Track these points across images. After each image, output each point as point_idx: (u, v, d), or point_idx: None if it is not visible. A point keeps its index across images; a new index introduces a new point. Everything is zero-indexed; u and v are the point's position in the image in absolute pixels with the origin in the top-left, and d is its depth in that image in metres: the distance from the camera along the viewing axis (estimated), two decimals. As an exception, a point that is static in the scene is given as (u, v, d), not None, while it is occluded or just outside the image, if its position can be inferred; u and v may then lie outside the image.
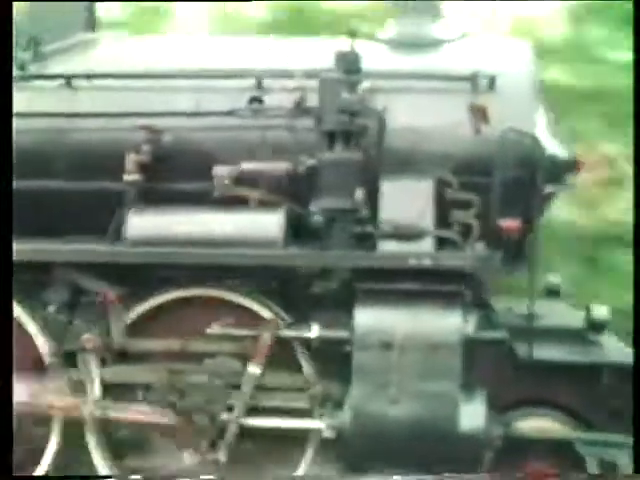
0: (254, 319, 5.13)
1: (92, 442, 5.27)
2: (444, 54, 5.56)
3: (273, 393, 5.11)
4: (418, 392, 4.81)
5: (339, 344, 4.96)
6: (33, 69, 5.60)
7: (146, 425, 5.20)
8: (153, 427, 5.20)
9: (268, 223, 5.04)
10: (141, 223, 5.11)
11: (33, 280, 5.23)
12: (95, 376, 5.23)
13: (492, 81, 5.22)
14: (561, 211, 6.87)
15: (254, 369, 5.07)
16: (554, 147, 5.29)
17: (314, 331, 5.01)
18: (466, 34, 5.77)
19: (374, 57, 5.35)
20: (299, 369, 5.13)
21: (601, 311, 5.14)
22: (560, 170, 5.29)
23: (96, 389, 5.23)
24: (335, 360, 5.01)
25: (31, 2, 5.79)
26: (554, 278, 5.95)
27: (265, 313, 5.13)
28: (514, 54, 5.51)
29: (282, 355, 5.11)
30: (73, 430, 5.30)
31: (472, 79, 5.23)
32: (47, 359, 5.24)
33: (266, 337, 5.03)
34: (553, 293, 5.93)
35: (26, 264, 5.00)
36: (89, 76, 5.44)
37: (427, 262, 4.87)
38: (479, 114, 5.19)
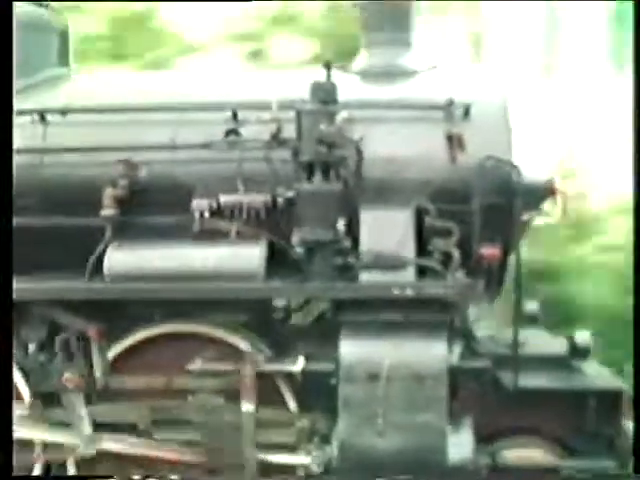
0: (237, 354, 5.06)
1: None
2: (417, 84, 5.58)
3: (259, 428, 5.03)
4: (405, 424, 4.77)
5: (324, 377, 4.91)
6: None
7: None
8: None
9: (249, 256, 5.00)
10: (120, 258, 5.04)
11: None
12: (84, 415, 5.13)
13: (467, 109, 5.24)
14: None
15: (248, 407, 4.98)
16: (531, 174, 5.31)
17: (299, 364, 4.95)
18: (437, 64, 5.80)
19: (348, 87, 5.35)
20: (283, 403, 5.06)
21: (583, 337, 5.14)
22: (537, 197, 5.31)
23: (86, 427, 5.14)
24: (319, 393, 4.96)
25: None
26: (532, 305, 5.95)
27: (247, 347, 5.06)
28: (486, 82, 5.54)
29: (266, 389, 5.04)
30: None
31: (447, 108, 5.24)
32: (27, 400, 5.13)
33: (247, 372, 4.95)
34: (531, 320, 5.93)
35: None
36: (63, 111, 5.37)
37: (410, 292, 4.85)
38: (455, 142, 5.21)
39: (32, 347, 5.09)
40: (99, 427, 5.15)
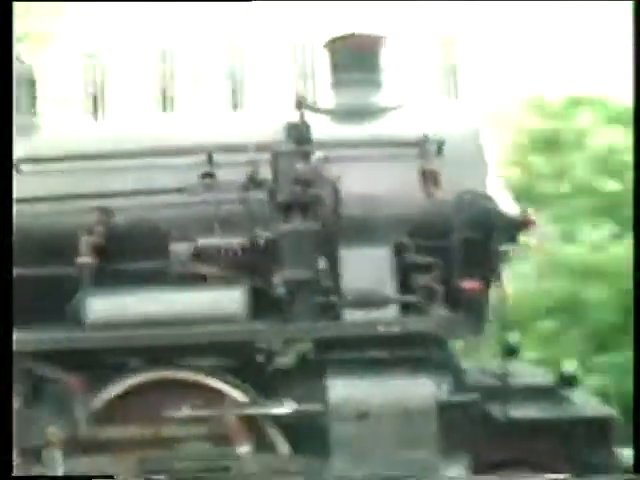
0: (223, 399, 4.97)
1: None
2: (389, 122, 5.60)
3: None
4: (397, 461, 4.71)
5: (313, 418, 4.84)
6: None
7: None
8: None
9: (230, 299, 4.95)
10: (99, 306, 4.97)
11: None
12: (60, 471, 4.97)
13: (440, 145, 5.26)
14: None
15: (244, 449, 4.89)
16: (507, 207, 5.33)
17: (289, 406, 4.88)
18: (407, 101, 5.83)
19: (319, 127, 5.35)
20: (272, 446, 4.97)
21: (570, 367, 5.14)
22: (514, 229, 5.33)
23: None
24: (309, 434, 4.88)
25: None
26: (512, 337, 5.93)
27: (232, 392, 4.98)
28: (459, 117, 5.58)
29: (253, 433, 4.95)
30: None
31: (421, 144, 5.26)
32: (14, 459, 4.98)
33: (235, 416, 4.86)
34: (512, 352, 5.91)
35: None
36: (36, 160, 5.32)
37: (395, 328, 4.82)
38: (430, 178, 5.22)
39: (16, 402, 4.94)
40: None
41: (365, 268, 5.04)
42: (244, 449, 4.89)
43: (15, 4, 5.25)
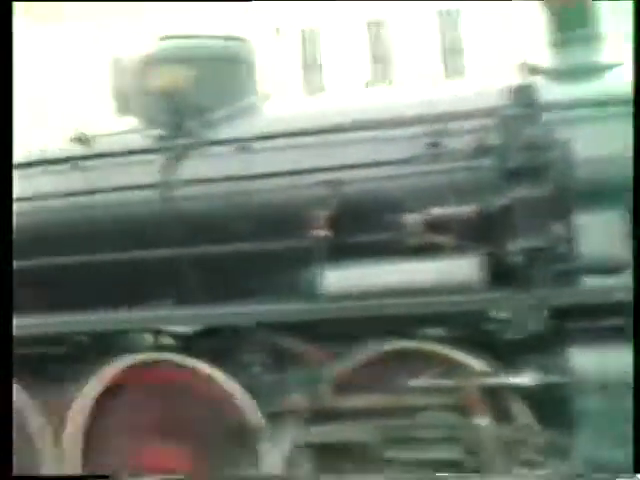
0: (461, 370, 4.94)
1: None
2: (614, 79, 5.37)
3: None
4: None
5: (557, 389, 4.73)
6: (203, 136, 5.64)
7: None
8: None
9: (465, 268, 4.89)
10: (337, 277, 5.02)
11: (231, 343, 5.22)
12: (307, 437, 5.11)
13: None
14: None
15: (485, 420, 4.85)
16: None
17: (533, 377, 4.80)
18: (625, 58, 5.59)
19: (544, 89, 5.21)
20: (511, 418, 4.91)
21: None
22: None
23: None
24: (551, 406, 4.78)
25: (195, 69, 5.78)
26: None
27: (473, 362, 4.94)
28: None
29: (493, 405, 4.90)
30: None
31: None
32: (254, 420, 5.16)
33: (476, 387, 4.83)
34: None
35: (222, 328, 5.10)
36: (265, 137, 5.42)
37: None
38: None
39: (257, 370, 5.12)
40: (327, 447, 5.11)
41: (601, 233, 4.85)
42: (485, 420, 4.85)
43: (15, 4, 5.33)
